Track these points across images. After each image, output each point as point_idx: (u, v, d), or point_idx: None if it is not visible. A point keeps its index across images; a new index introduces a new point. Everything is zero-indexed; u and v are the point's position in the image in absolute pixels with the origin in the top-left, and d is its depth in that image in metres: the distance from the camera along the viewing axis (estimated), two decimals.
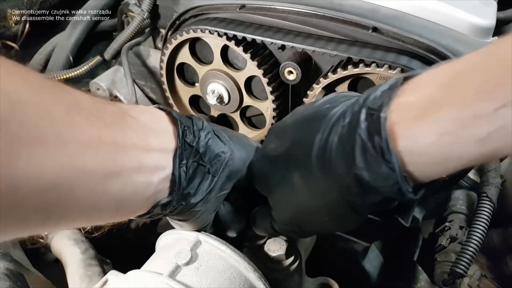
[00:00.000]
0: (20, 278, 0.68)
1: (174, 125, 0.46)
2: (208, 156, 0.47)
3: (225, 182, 0.50)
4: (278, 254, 0.58)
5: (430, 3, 0.68)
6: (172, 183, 0.44)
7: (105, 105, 0.39)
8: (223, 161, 0.49)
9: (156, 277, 0.50)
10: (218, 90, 0.75)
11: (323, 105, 0.47)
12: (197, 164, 0.46)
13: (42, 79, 0.34)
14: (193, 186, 0.46)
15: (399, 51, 0.61)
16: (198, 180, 0.46)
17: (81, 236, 0.79)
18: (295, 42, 0.65)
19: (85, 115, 0.35)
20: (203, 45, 0.75)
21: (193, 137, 0.46)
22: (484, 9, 0.70)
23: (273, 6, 0.68)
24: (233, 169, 0.51)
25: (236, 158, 0.52)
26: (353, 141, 0.39)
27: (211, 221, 0.56)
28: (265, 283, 0.54)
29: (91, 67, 0.98)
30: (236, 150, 0.52)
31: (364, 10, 0.65)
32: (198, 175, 0.46)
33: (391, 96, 0.38)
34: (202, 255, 0.54)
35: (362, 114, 0.39)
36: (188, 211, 0.48)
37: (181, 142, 0.45)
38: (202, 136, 0.47)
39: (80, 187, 0.35)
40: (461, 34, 0.68)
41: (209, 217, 0.54)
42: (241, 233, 0.60)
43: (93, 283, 0.69)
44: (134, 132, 0.41)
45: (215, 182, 0.48)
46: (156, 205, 0.44)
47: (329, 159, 0.41)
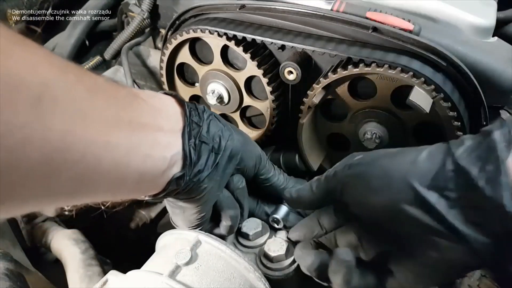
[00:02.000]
0: (20, 278, 0.68)
1: (181, 107, 0.50)
2: (212, 135, 0.52)
3: (227, 162, 0.54)
4: (278, 254, 0.58)
5: (430, 3, 0.69)
6: (183, 159, 0.48)
7: (118, 87, 0.42)
8: (224, 141, 0.53)
9: (156, 277, 0.50)
10: (218, 90, 0.75)
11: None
12: (202, 142, 0.50)
13: (64, 60, 0.37)
14: (201, 162, 0.50)
15: (399, 51, 0.61)
16: (204, 156, 0.50)
17: (81, 236, 0.79)
18: (295, 42, 0.65)
19: (104, 97, 0.39)
20: (203, 45, 0.75)
21: (199, 118, 0.51)
22: (484, 9, 0.70)
23: (273, 6, 0.68)
24: (234, 149, 0.55)
25: (235, 139, 0.55)
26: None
27: (209, 212, 0.57)
28: (265, 283, 0.54)
29: (91, 67, 0.98)
30: (234, 132, 0.56)
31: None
32: (204, 152, 0.50)
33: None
34: (202, 255, 0.54)
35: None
36: (196, 186, 0.51)
37: (188, 121, 0.49)
38: (205, 117, 0.52)
39: (106, 160, 0.38)
40: (461, 34, 0.68)
41: (211, 199, 0.55)
42: (234, 221, 0.60)
43: (93, 283, 0.69)
44: (146, 113, 0.44)
45: (219, 159, 0.52)
46: (171, 180, 0.47)
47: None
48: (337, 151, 0.75)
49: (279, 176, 0.64)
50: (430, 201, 0.40)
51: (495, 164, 0.37)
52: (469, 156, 0.39)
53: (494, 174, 0.37)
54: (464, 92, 0.61)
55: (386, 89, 0.62)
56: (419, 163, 0.42)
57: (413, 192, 0.41)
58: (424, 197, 0.40)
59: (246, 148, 0.58)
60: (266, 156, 0.63)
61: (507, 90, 0.63)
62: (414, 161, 0.42)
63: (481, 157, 0.38)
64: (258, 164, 0.61)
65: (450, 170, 0.40)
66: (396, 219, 0.43)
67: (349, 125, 0.69)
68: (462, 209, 0.39)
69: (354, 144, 0.71)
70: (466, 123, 0.61)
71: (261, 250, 0.61)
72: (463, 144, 0.40)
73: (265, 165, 0.62)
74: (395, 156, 0.45)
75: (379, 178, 0.44)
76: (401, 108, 0.64)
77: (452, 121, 0.60)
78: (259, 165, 0.61)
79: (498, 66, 0.63)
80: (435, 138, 0.65)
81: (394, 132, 0.66)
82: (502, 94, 0.64)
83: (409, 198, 0.41)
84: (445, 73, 0.60)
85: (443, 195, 0.39)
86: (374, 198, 0.44)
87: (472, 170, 0.38)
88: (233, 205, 0.59)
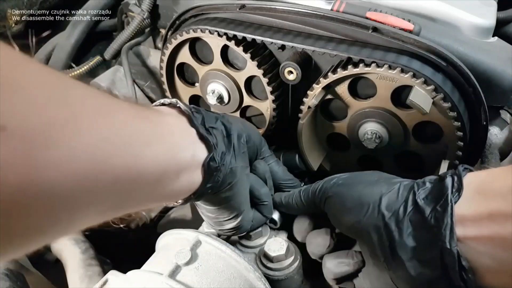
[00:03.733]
0: (20, 278, 0.68)
1: (176, 108, 0.52)
2: (213, 119, 0.54)
3: (239, 142, 0.57)
4: (278, 254, 0.58)
5: (430, 3, 0.69)
6: (205, 143, 0.50)
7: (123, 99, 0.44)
8: (228, 123, 0.55)
9: (156, 277, 0.50)
10: (218, 90, 0.75)
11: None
12: (212, 128, 0.52)
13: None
14: (220, 145, 0.52)
15: (399, 51, 0.61)
16: (220, 139, 0.53)
17: (81, 236, 0.79)
18: (295, 42, 0.65)
19: (119, 100, 0.40)
20: (203, 45, 0.75)
21: (196, 111, 0.53)
22: (484, 9, 0.70)
23: (273, 6, 0.68)
24: (238, 129, 0.57)
25: (233, 121, 0.57)
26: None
27: (247, 203, 0.59)
28: (265, 283, 0.55)
29: (91, 67, 0.98)
30: (229, 116, 0.58)
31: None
32: (218, 136, 0.53)
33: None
34: (202, 255, 0.54)
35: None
36: (228, 171, 0.53)
37: (191, 111, 0.51)
38: (201, 110, 0.54)
39: (142, 156, 0.39)
40: (461, 34, 0.68)
41: (243, 185, 0.57)
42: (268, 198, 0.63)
43: (93, 283, 0.69)
44: (156, 111, 0.49)
45: (233, 140, 0.55)
46: (205, 163, 0.49)
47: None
48: (337, 151, 0.75)
49: (275, 159, 0.68)
50: (388, 231, 0.46)
51: (444, 207, 0.42)
52: (426, 198, 0.45)
53: (442, 215, 0.42)
54: (464, 92, 0.61)
55: (386, 89, 0.62)
56: (387, 197, 0.48)
57: (376, 220, 0.47)
58: (384, 227, 0.46)
59: (247, 125, 0.62)
60: (263, 138, 0.66)
61: (507, 90, 0.63)
62: (384, 194, 0.48)
63: (435, 199, 0.44)
64: (261, 142, 0.64)
65: (410, 207, 0.45)
66: (359, 237, 0.51)
67: (349, 125, 0.69)
68: (414, 241, 0.44)
69: (354, 144, 0.71)
70: (466, 123, 0.61)
71: (261, 250, 0.61)
72: (424, 186, 0.46)
73: (265, 143, 0.66)
74: (371, 185, 0.51)
75: (353, 201, 0.51)
76: (401, 108, 0.64)
77: (452, 121, 0.60)
78: (261, 144, 0.65)
79: (498, 66, 0.63)
80: (435, 138, 0.65)
81: (394, 132, 0.66)
82: (502, 94, 0.64)
83: (372, 224, 0.47)
84: (445, 73, 0.60)
85: (400, 228, 0.45)
86: (346, 216, 0.51)
87: (426, 210, 0.44)
88: (259, 183, 0.62)
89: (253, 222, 0.61)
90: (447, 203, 0.42)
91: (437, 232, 0.42)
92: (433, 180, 0.47)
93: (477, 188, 0.42)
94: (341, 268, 0.54)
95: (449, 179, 0.44)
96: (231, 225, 0.59)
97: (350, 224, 0.51)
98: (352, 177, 0.55)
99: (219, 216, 0.58)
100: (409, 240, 0.44)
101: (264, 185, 0.63)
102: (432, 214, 0.43)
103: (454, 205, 0.42)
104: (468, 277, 0.40)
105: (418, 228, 0.44)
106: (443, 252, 0.41)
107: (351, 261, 0.53)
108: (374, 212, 0.48)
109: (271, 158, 0.66)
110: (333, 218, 0.54)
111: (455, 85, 0.60)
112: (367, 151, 0.70)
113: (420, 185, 0.47)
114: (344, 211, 0.52)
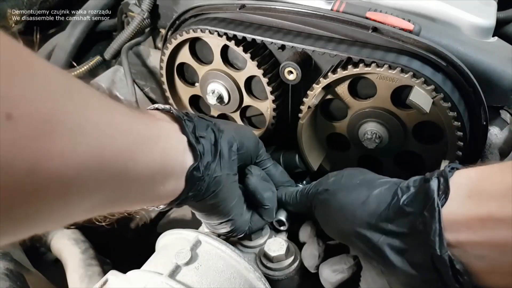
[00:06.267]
0: (20, 278, 0.68)
1: (168, 114, 0.53)
2: (205, 129, 0.54)
3: (229, 150, 0.56)
4: (278, 254, 0.58)
5: (430, 3, 0.69)
6: (192, 151, 0.50)
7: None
8: (218, 132, 0.55)
9: (156, 277, 0.50)
10: (218, 90, 0.75)
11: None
12: (200, 137, 0.53)
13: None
14: (207, 154, 0.52)
15: (399, 51, 0.61)
16: (208, 148, 0.52)
17: (81, 236, 0.79)
18: (295, 42, 0.65)
19: (117, 101, 0.41)
20: (203, 45, 0.75)
21: (188, 118, 0.53)
22: (484, 9, 0.70)
23: (273, 6, 0.68)
24: (229, 136, 0.57)
25: (226, 128, 0.57)
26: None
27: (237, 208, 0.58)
28: (265, 283, 0.55)
29: (91, 67, 0.98)
30: (222, 123, 0.58)
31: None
32: (205, 145, 0.53)
33: None
34: (202, 255, 0.54)
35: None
36: (212, 179, 0.52)
37: (183, 118, 0.52)
38: (193, 117, 0.54)
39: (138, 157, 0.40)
40: (461, 34, 0.68)
41: (230, 193, 0.56)
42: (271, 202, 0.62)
43: (93, 283, 0.69)
44: (151, 116, 0.50)
45: (221, 148, 0.54)
46: (189, 171, 0.49)
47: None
48: (337, 151, 0.75)
49: (273, 162, 0.68)
50: (372, 239, 0.46)
51: (431, 212, 0.41)
52: (411, 202, 0.44)
53: (430, 221, 0.41)
54: (464, 92, 0.61)
55: (386, 89, 0.62)
56: (368, 204, 0.47)
57: (359, 228, 0.47)
58: (366, 235, 0.46)
59: (241, 132, 0.61)
60: (261, 141, 0.66)
61: (507, 90, 0.63)
62: (365, 201, 0.48)
63: (421, 203, 0.42)
64: (256, 146, 0.64)
65: (394, 213, 0.45)
66: (349, 244, 0.52)
67: (349, 125, 0.69)
68: (403, 245, 0.44)
69: (354, 144, 0.71)
70: (466, 123, 0.61)
71: (261, 250, 0.61)
72: (408, 191, 0.45)
73: (262, 147, 0.65)
74: (354, 191, 0.51)
75: (336, 210, 0.51)
76: (401, 108, 0.64)
77: (452, 121, 0.60)
78: (257, 148, 0.64)
79: (498, 66, 0.63)
80: (435, 138, 0.65)
81: (394, 132, 0.66)
82: (502, 94, 0.64)
83: (355, 232, 0.48)
84: (445, 73, 0.60)
85: (386, 233, 0.45)
86: (333, 224, 0.52)
87: (412, 215, 0.43)
88: (264, 187, 0.62)
89: (251, 225, 0.61)
90: (434, 208, 0.41)
91: (426, 238, 0.41)
92: (417, 183, 0.45)
93: (468, 190, 0.41)
94: (336, 276, 0.53)
95: (435, 181, 0.43)
96: (224, 230, 0.59)
97: (336, 232, 0.52)
98: (336, 182, 0.54)
99: (209, 222, 0.59)
100: (398, 245, 0.43)
101: (269, 189, 0.62)
102: (419, 219, 0.42)
103: (441, 209, 0.41)
104: (464, 279, 0.39)
105: (405, 233, 0.43)
106: (433, 258, 0.40)
107: (344, 267, 0.53)
108: (356, 220, 0.47)
109: (268, 162, 0.66)
110: (322, 226, 0.55)
111: (455, 85, 0.60)
112: (367, 151, 0.70)
113: (404, 190, 0.45)
114: (329, 220, 0.53)
